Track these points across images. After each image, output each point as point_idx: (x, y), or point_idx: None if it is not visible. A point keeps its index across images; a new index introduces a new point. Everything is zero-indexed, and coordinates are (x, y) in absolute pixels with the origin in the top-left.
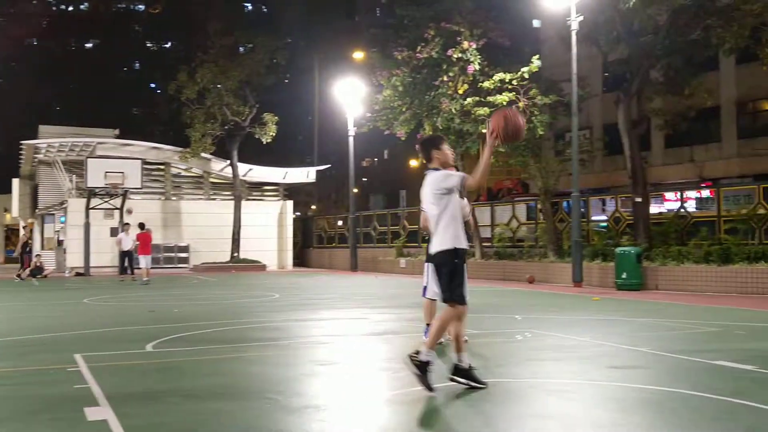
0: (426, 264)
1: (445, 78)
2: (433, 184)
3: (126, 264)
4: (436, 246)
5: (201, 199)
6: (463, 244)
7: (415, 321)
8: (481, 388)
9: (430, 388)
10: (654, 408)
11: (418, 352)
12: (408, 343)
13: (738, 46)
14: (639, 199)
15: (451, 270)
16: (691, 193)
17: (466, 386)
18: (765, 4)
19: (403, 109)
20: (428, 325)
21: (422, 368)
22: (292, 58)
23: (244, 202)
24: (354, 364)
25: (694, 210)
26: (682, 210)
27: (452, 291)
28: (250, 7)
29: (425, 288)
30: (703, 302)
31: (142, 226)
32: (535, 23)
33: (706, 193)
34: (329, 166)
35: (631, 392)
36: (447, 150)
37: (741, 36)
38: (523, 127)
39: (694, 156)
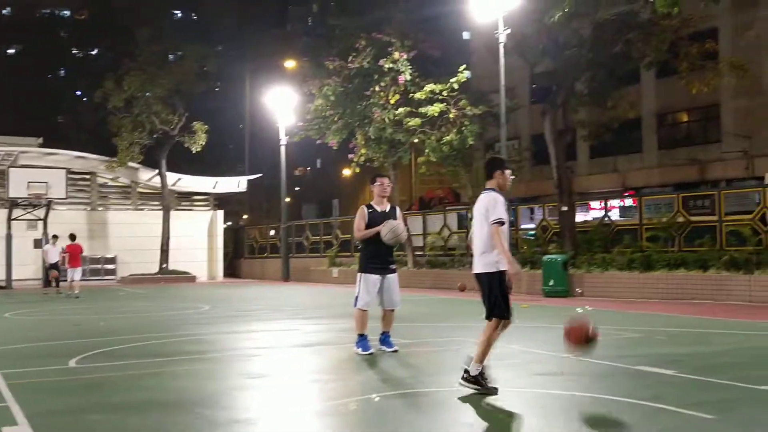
0: (359, 274)
1: (377, 88)
2: (483, 205)
3: (50, 277)
4: (480, 267)
5: (128, 209)
6: (504, 266)
7: (347, 331)
8: (492, 393)
9: (493, 392)
10: (577, 414)
11: (466, 371)
12: (339, 355)
13: (658, 60)
14: (565, 208)
15: (494, 289)
16: (615, 202)
17: (476, 392)
18: (682, 20)
19: (335, 119)
20: (360, 335)
21: (478, 382)
22: (223, 66)
23: (173, 212)
24: (284, 377)
25: (618, 218)
26: (607, 218)
27: (500, 308)
28: (179, 15)
29: (357, 298)
30: (627, 308)
31: (73, 237)
32: (465, 35)
33: (629, 201)
34: (261, 175)
35: (557, 399)
36: (508, 175)
37: (660, 50)
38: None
39: (617, 166)
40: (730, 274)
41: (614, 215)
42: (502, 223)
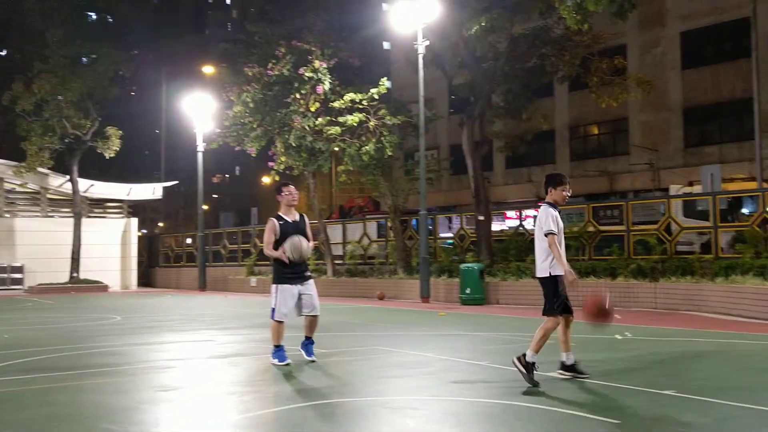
0: (274, 286)
1: (297, 96)
2: (538, 218)
3: None
4: (540, 272)
5: (37, 216)
6: (558, 271)
7: (265, 342)
8: (585, 377)
9: (534, 384)
10: (490, 421)
11: (524, 354)
12: (256, 366)
13: (570, 74)
14: (482, 218)
15: (549, 291)
16: (530, 212)
17: (570, 378)
18: (593, 36)
19: (254, 126)
20: (277, 346)
21: (528, 368)
22: (139, 70)
23: (84, 220)
24: (198, 389)
25: (532, 228)
26: (521, 228)
27: (551, 306)
28: (94, 17)
29: (273, 310)
30: (539, 315)
31: None
32: (385, 45)
33: None
34: (177, 182)
35: (471, 406)
36: (560, 191)
37: (572, 65)
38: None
39: (531, 176)
40: (637, 281)
41: (529, 225)
42: (554, 234)
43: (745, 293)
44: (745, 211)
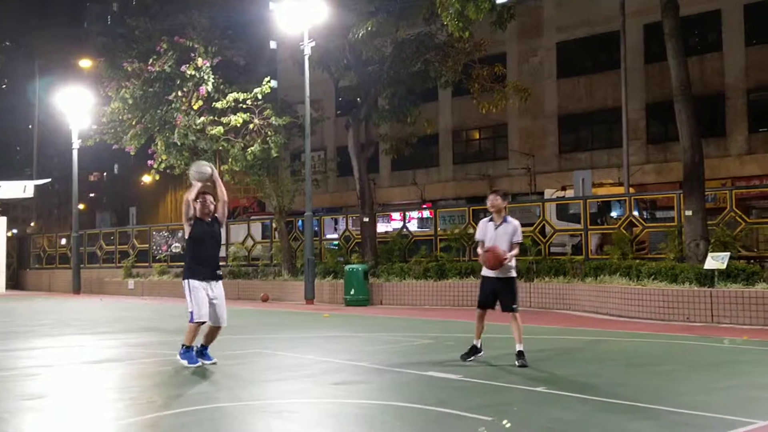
0: (185, 282)
1: (179, 93)
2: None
3: None
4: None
5: None
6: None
7: (141, 346)
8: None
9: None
10: (368, 422)
11: (520, 352)
12: (131, 371)
13: (452, 79)
14: (367, 219)
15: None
16: (414, 214)
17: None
18: (475, 44)
19: (133, 123)
20: (187, 347)
21: (522, 356)
22: (11, 63)
23: None
24: (66, 397)
25: (416, 229)
26: (405, 229)
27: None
28: None
29: (192, 313)
30: (421, 315)
31: None
32: (272, 44)
33: (426, 213)
34: (50, 180)
35: (349, 408)
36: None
37: (455, 71)
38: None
39: (416, 179)
40: None
41: (413, 226)
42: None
43: (613, 292)
44: (613, 214)
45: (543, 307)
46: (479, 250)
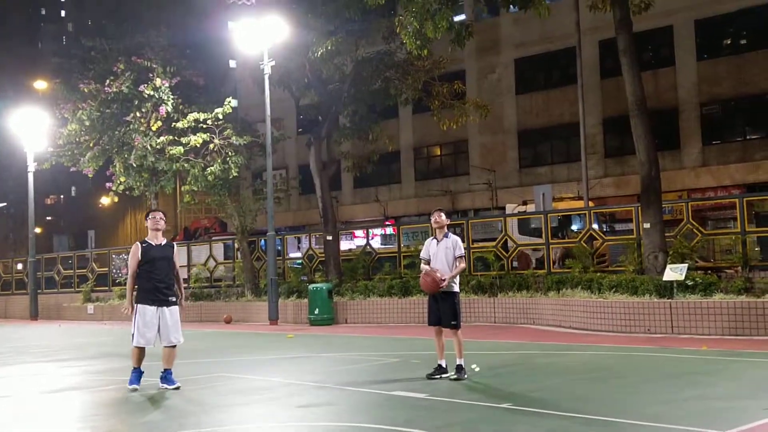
0: (135, 306)
1: (138, 114)
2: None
3: None
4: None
5: None
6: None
7: (103, 373)
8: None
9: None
10: None
11: (459, 366)
12: (93, 399)
13: (413, 97)
14: (330, 237)
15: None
16: (377, 231)
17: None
18: (434, 61)
19: (91, 145)
20: (134, 368)
21: (460, 370)
22: None
23: None
24: (28, 429)
25: (379, 246)
26: (369, 247)
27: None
28: None
29: (133, 335)
30: (387, 333)
31: None
32: (231, 64)
33: (390, 230)
34: (5, 204)
35: (316, 431)
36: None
37: (415, 88)
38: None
39: (378, 196)
40: (477, 297)
41: (376, 243)
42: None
43: (575, 306)
44: (574, 228)
45: (507, 322)
46: (423, 267)
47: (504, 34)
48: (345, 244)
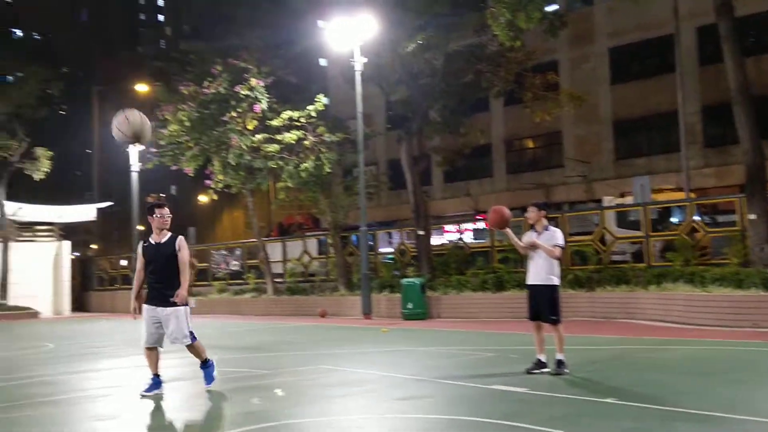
0: (144, 311)
1: (234, 114)
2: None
3: None
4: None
5: None
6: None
7: None
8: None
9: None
10: None
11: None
12: (196, 390)
13: (505, 89)
14: (422, 232)
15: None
16: (469, 225)
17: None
18: (527, 53)
19: (191, 145)
20: (153, 375)
21: (560, 365)
22: (69, 88)
23: (13, 244)
24: (138, 417)
25: (471, 241)
26: (461, 241)
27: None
28: (19, 34)
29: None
30: (481, 328)
31: None
32: (322, 62)
33: (481, 224)
34: (111, 203)
35: (415, 422)
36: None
37: (507, 80)
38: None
39: (469, 190)
40: (575, 291)
41: (468, 238)
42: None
43: (677, 300)
44: (674, 220)
45: (606, 317)
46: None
47: (598, 23)
48: (436, 239)
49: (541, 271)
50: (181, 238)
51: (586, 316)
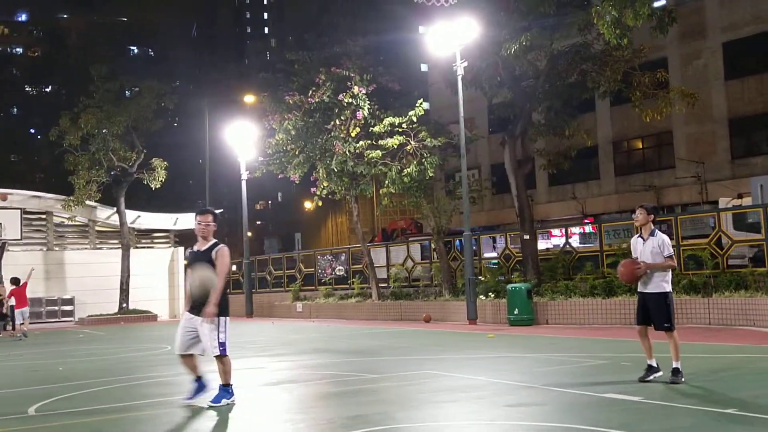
0: (185, 321)
1: (337, 122)
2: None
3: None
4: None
5: (86, 248)
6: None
7: (315, 368)
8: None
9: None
10: None
11: (675, 369)
12: (308, 392)
13: (611, 89)
14: (527, 237)
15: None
16: (575, 229)
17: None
18: (634, 51)
19: (296, 153)
20: (198, 378)
21: (676, 373)
22: (181, 101)
23: (132, 251)
24: (254, 417)
25: (579, 245)
26: (568, 245)
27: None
28: (135, 51)
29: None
30: (591, 334)
31: (16, 281)
32: (423, 67)
33: (588, 228)
34: (222, 210)
35: (526, 430)
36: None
37: (614, 80)
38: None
39: (576, 193)
40: (690, 297)
41: (575, 242)
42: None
43: None
44: None
45: (723, 324)
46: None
47: (710, 17)
48: (541, 244)
49: (654, 278)
50: (220, 248)
51: (703, 322)
